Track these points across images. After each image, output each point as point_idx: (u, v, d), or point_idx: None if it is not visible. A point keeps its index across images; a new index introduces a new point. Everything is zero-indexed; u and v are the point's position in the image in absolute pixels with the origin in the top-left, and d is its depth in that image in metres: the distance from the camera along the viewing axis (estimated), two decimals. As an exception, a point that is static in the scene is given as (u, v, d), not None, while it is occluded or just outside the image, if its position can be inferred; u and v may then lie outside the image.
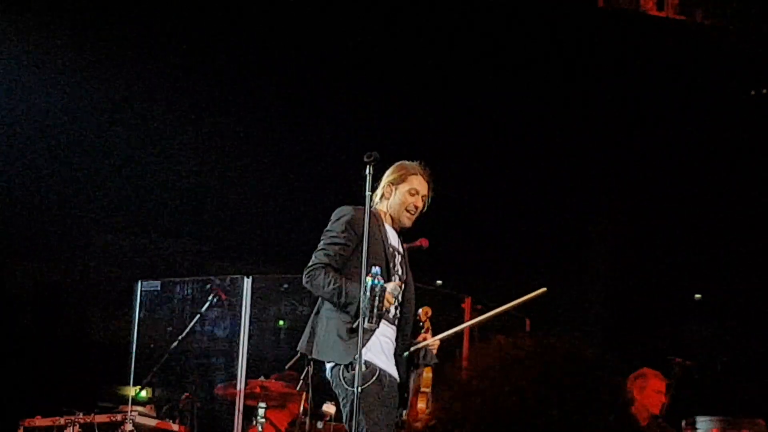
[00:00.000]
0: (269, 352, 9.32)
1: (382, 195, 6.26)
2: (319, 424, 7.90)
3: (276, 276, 9.52)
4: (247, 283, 8.89)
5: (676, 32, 10.83)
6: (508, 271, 11.47)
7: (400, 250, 6.32)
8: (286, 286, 9.49)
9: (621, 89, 11.30)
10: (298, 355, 7.36)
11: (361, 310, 5.81)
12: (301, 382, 7.84)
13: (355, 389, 5.79)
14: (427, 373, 6.13)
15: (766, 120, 11.30)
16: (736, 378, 12.02)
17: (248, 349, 8.80)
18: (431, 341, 6.18)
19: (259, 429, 7.97)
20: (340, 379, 5.93)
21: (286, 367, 8.17)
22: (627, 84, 11.29)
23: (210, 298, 8.68)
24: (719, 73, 11.13)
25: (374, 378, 5.88)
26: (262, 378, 8.24)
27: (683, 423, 7.04)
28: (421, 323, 6.24)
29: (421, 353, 6.16)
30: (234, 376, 8.79)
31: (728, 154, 11.54)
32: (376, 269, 5.89)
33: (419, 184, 6.27)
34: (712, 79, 11.16)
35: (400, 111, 11.16)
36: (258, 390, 8.04)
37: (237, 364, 8.78)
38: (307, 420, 7.58)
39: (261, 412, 7.95)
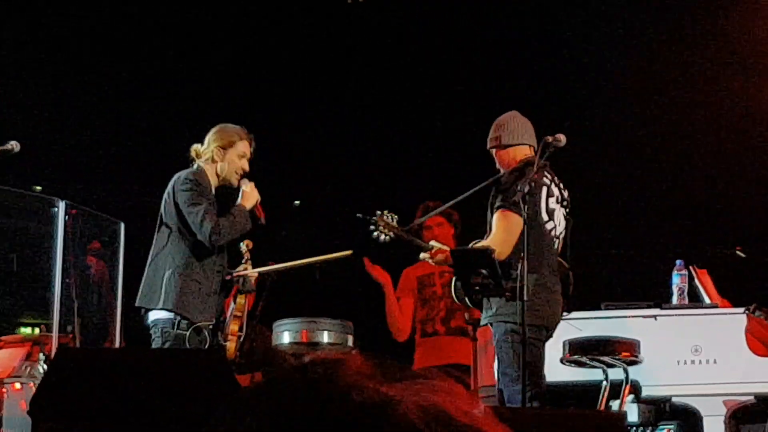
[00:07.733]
0: None
1: (212, 158, 6.78)
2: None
3: None
4: None
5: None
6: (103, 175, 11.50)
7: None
8: None
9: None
10: None
11: None
12: None
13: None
14: (242, 300, 6.73)
15: (361, 28, 11.56)
16: (327, 282, 12.54)
17: None
18: (251, 272, 6.83)
19: None
20: (161, 332, 6.52)
21: None
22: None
23: None
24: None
25: (189, 332, 6.51)
26: None
27: (274, 325, 7.41)
28: (243, 255, 6.89)
29: (240, 281, 6.77)
30: None
31: (326, 64, 11.79)
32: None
33: (246, 147, 6.83)
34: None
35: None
36: None
37: None
38: None
39: None
